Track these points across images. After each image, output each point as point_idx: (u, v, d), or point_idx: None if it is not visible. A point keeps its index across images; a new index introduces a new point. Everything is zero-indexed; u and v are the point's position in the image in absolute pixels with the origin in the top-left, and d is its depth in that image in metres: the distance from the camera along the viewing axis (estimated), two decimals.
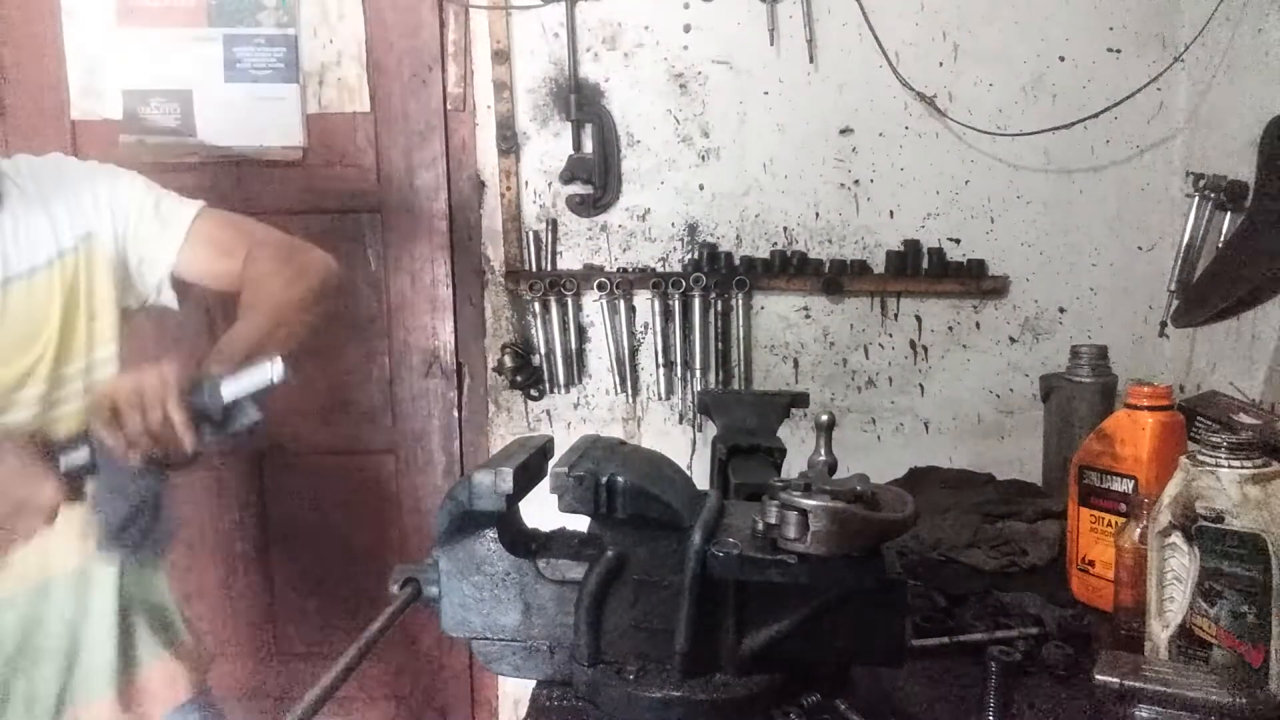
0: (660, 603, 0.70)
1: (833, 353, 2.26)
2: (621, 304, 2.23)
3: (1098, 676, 0.85)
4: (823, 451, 1.00)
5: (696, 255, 2.21)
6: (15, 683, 1.31)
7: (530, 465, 0.75)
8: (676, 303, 2.19)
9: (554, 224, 2.23)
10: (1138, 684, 0.83)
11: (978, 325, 2.25)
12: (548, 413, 2.31)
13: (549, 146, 2.22)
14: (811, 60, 2.15)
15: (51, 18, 2.19)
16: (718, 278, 2.17)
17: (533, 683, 0.88)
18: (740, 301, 2.21)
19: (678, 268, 2.23)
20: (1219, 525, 0.92)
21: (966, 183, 2.20)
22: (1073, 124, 2.14)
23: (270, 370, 1.10)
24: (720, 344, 2.22)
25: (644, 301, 2.23)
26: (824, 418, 1.01)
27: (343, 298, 2.19)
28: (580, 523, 0.75)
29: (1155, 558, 0.99)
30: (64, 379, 1.25)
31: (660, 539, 0.70)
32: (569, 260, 2.25)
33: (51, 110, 2.21)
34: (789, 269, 2.19)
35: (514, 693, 2.36)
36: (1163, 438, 1.24)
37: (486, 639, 0.74)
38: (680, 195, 2.22)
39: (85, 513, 1.14)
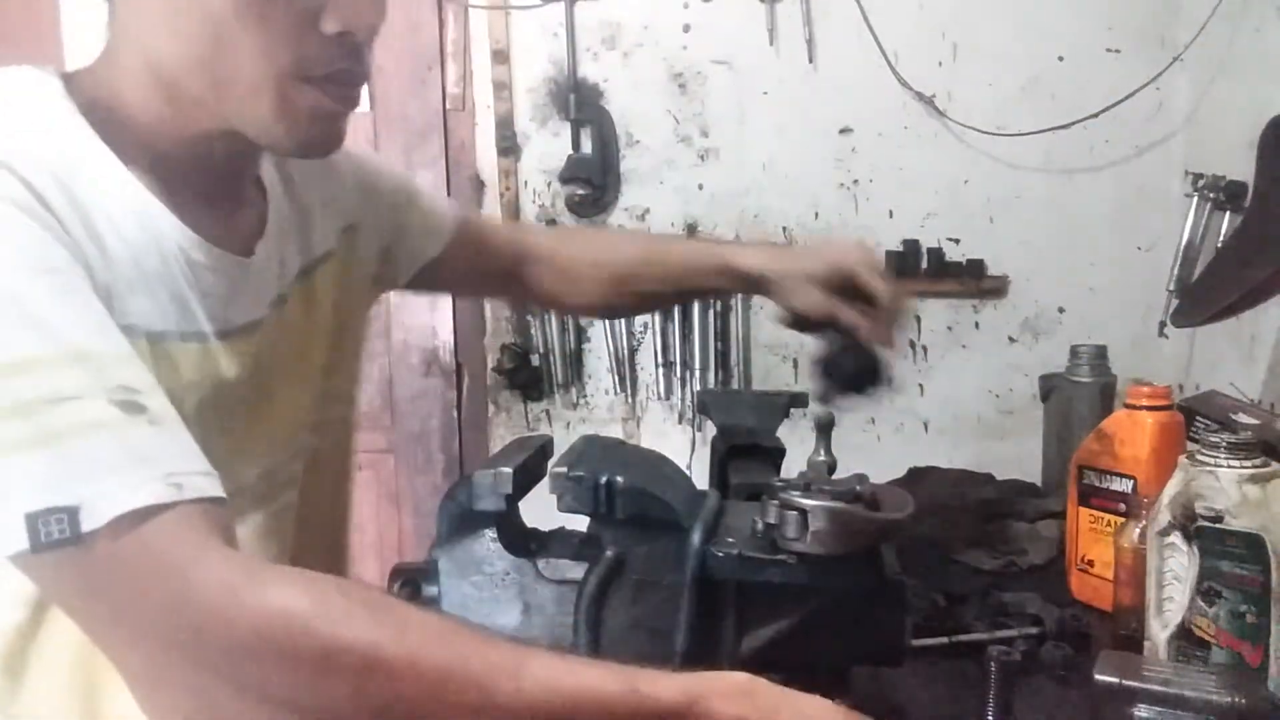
0: (660, 603, 0.70)
1: None
2: None
3: (1098, 676, 0.85)
4: (823, 451, 1.00)
5: None
6: None
7: (530, 465, 0.75)
8: None
9: (553, 224, 2.23)
10: (1137, 684, 0.83)
11: (977, 325, 2.25)
12: (547, 413, 2.31)
13: (548, 146, 2.22)
14: (811, 60, 2.15)
15: (51, 18, 2.19)
16: None
17: None
18: (740, 301, 2.21)
19: None
20: (1218, 525, 0.92)
21: (966, 183, 2.19)
22: (1072, 124, 2.14)
23: None
24: (720, 344, 2.21)
25: None
26: (824, 418, 1.01)
27: None
28: (580, 523, 0.75)
29: (1155, 558, 0.99)
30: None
31: (660, 539, 0.70)
32: None
33: None
34: None
35: None
36: (1162, 438, 1.23)
37: None
38: (679, 195, 2.22)
39: None
